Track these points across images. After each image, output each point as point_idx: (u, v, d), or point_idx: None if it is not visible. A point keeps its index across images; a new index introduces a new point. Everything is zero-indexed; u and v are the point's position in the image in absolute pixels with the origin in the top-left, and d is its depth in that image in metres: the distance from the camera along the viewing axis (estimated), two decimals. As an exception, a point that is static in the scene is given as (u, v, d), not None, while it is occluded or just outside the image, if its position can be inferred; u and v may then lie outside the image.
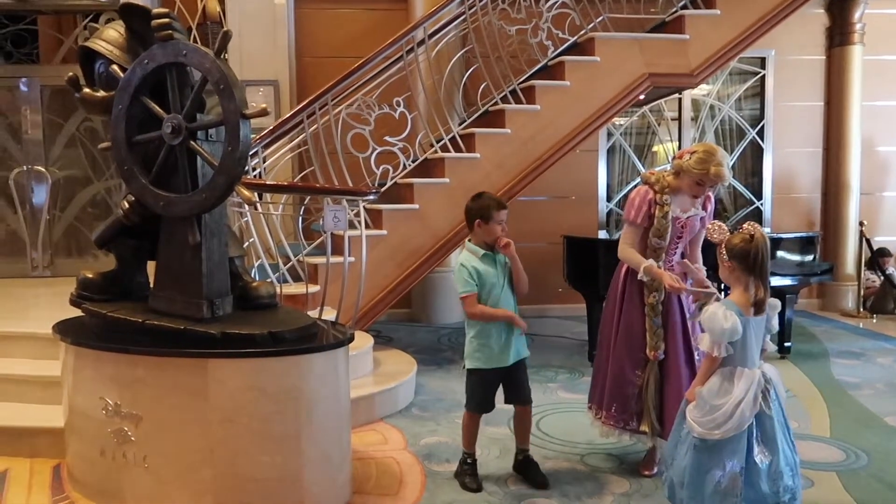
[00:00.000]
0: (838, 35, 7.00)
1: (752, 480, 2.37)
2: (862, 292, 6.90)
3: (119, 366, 2.59)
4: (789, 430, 2.48)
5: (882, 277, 6.79)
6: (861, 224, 6.81)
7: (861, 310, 6.86)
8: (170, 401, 2.51)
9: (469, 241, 3.07)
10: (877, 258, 6.75)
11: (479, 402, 3.06)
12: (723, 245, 2.46)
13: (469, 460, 3.08)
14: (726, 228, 2.50)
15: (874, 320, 6.69)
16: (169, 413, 2.52)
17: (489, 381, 3.04)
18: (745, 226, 2.45)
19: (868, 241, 6.73)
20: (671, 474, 2.53)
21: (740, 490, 2.36)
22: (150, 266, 2.90)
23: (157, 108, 2.53)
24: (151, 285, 2.83)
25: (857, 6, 6.86)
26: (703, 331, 2.45)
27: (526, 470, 3.12)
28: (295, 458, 2.57)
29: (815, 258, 5.31)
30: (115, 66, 2.65)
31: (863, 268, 6.85)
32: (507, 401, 3.11)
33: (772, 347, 2.55)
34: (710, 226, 2.52)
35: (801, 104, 7.18)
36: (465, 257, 3.00)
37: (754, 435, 2.39)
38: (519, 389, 3.09)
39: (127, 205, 2.77)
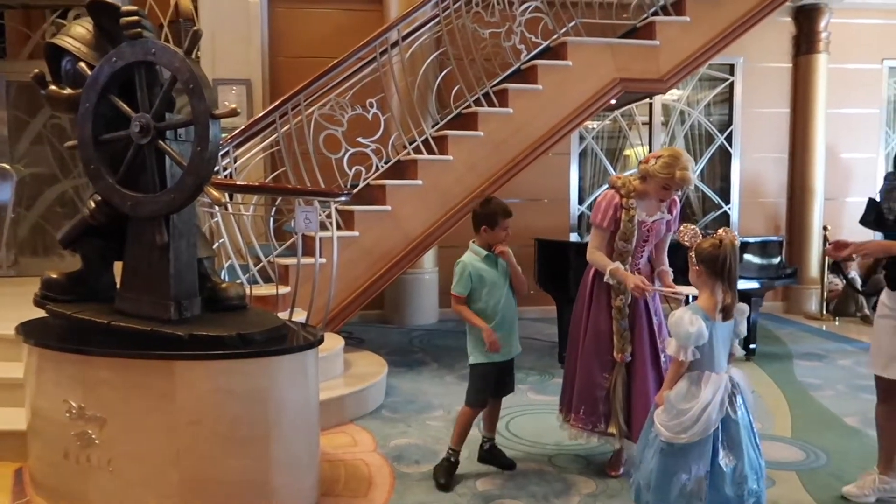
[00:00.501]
0: (804, 43, 7.17)
1: (716, 484, 2.40)
2: (825, 295, 7.06)
3: (83, 368, 2.55)
4: (755, 434, 2.51)
5: (844, 281, 6.96)
6: (825, 229, 6.98)
7: (824, 312, 7.03)
8: (135, 403, 2.48)
9: (473, 242, 3.19)
10: (839, 262, 6.92)
11: (480, 396, 3.18)
12: (692, 249, 2.50)
13: (452, 458, 3.15)
14: (699, 232, 2.54)
15: (837, 323, 6.86)
16: (134, 416, 2.49)
17: (490, 375, 3.16)
18: (719, 231, 2.49)
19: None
20: (638, 477, 2.55)
21: (705, 493, 2.39)
22: (117, 267, 2.87)
23: (126, 106, 2.50)
24: (118, 286, 2.80)
25: (823, 16, 7.03)
26: (670, 335, 2.49)
27: (492, 457, 3.30)
28: (263, 461, 2.56)
29: (780, 262, 5.43)
30: (82, 64, 2.62)
31: (826, 271, 7.01)
32: (493, 394, 3.25)
33: (740, 352, 2.59)
34: (682, 229, 2.55)
35: (768, 111, 7.34)
36: (468, 257, 3.14)
37: (720, 439, 2.41)
38: (508, 384, 3.29)
39: (93, 204, 2.73)
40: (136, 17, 2.47)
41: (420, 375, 4.87)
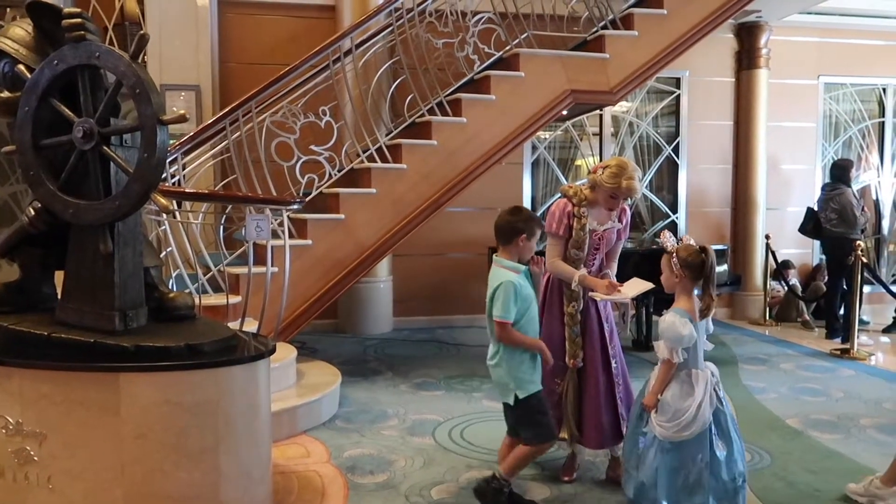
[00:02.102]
0: (746, 59, 7.44)
1: (715, 471, 2.58)
2: (767, 301, 7.31)
3: (22, 381, 2.44)
4: (734, 420, 2.70)
5: (786, 288, 7.21)
6: (767, 237, 7.23)
7: (767, 318, 7.26)
8: (77, 417, 2.39)
9: (499, 257, 2.84)
10: (781, 269, 7.17)
11: (549, 425, 2.88)
12: (675, 255, 2.62)
13: (506, 489, 2.88)
14: (674, 238, 2.70)
15: (779, 328, 7.10)
16: (76, 430, 2.40)
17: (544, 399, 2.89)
18: (684, 238, 2.68)
19: (773, 253, 7.15)
20: (640, 476, 2.68)
21: (707, 482, 2.55)
22: (58, 276, 2.77)
23: (68, 111, 2.42)
24: (59, 296, 2.70)
25: (763, 33, 7.32)
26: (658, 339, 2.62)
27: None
28: (212, 474, 2.50)
29: (725, 269, 5.60)
30: (21, 66, 2.52)
31: (768, 278, 7.26)
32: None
33: (709, 346, 2.75)
34: (665, 234, 2.69)
35: (713, 123, 7.58)
36: (510, 276, 2.76)
37: (712, 430, 2.59)
38: None
39: (33, 212, 2.63)
40: (79, 20, 2.39)
41: (374, 385, 4.84)
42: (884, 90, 7.99)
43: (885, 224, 8.09)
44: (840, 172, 6.50)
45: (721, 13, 5.69)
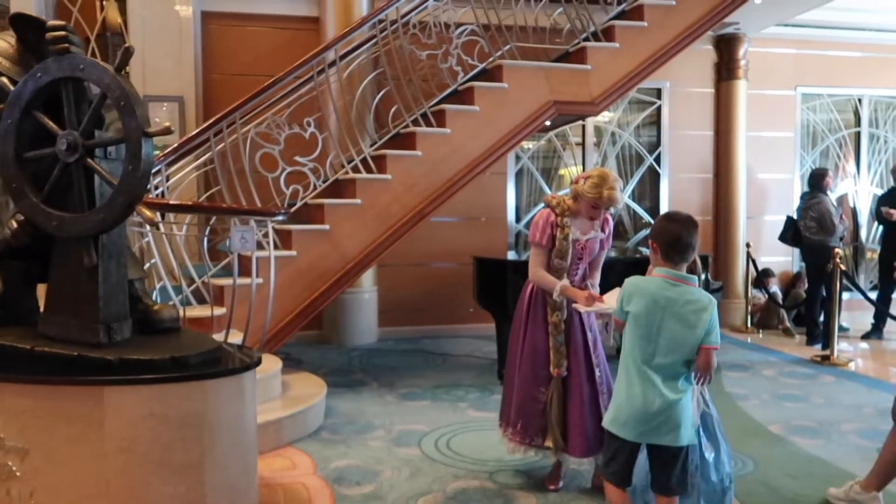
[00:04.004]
0: (725, 70, 7.56)
1: (705, 474, 2.61)
2: (749, 309, 7.39)
3: (3, 396, 2.41)
4: (720, 422, 2.74)
5: (767, 295, 7.30)
6: (748, 246, 7.32)
7: (749, 325, 7.34)
8: (61, 432, 2.37)
9: (678, 270, 2.46)
10: (762, 278, 7.27)
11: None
12: None
13: None
14: None
15: (761, 335, 7.18)
16: (60, 445, 2.37)
17: None
18: None
19: (754, 261, 7.24)
20: (632, 481, 2.66)
21: (698, 485, 2.58)
22: (41, 289, 2.75)
23: (52, 123, 2.41)
24: (42, 309, 2.68)
25: (741, 44, 7.44)
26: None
27: None
28: (198, 488, 2.48)
29: (706, 277, 5.66)
30: (4, 79, 2.51)
31: (750, 286, 7.35)
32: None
33: None
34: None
35: (694, 133, 7.68)
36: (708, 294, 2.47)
37: (700, 432, 2.61)
38: None
39: (15, 224, 2.61)
40: (62, 32, 2.39)
41: (360, 396, 4.83)
42: (859, 100, 8.14)
43: (863, 232, 8.22)
44: (818, 181, 6.63)
45: (700, 25, 5.79)
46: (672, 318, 2.40)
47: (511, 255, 6.63)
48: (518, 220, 7.36)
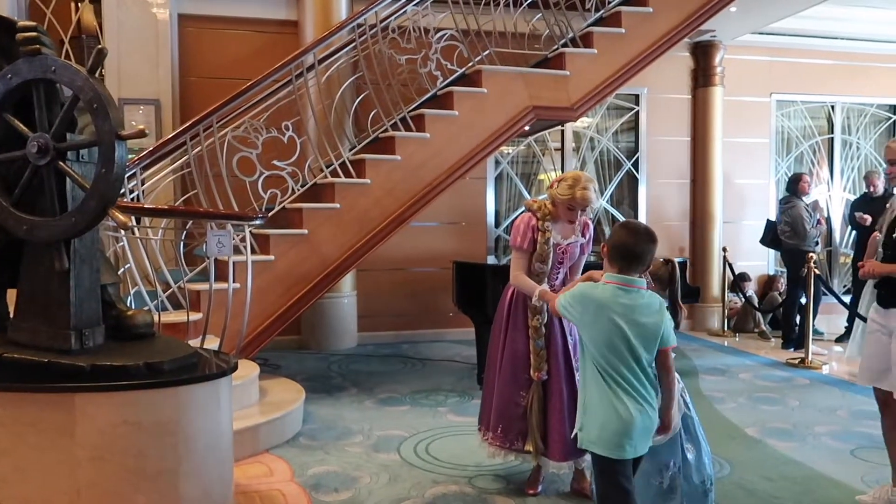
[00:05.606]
0: (701, 77, 7.65)
1: (687, 475, 2.63)
2: (726, 313, 7.47)
3: (-29, 404, 2.36)
4: (700, 423, 2.77)
5: (743, 299, 7.38)
6: (724, 250, 7.41)
7: (725, 329, 7.42)
8: (30, 440, 2.32)
9: (631, 276, 2.42)
10: (738, 282, 7.35)
11: None
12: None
13: None
14: None
15: (737, 339, 7.26)
16: (29, 453, 2.32)
17: None
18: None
19: (730, 265, 7.32)
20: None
21: (680, 487, 2.60)
22: (11, 295, 2.69)
23: (22, 126, 2.37)
24: (11, 315, 2.62)
25: (717, 52, 7.54)
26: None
27: None
28: (172, 496, 2.44)
29: (685, 281, 5.71)
30: (-27, 80, 2.46)
31: (726, 290, 7.43)
32: None
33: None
34: None
35: (671, 139, 7.76)
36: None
37: (681, 434, 2.64)
38: None
39: (-16, 229, 2.56)
40: (34, 33, 2.35)
41: (339, 401, 4.80)
42: (832, 107, 8.29)
43: (836, 237, 8.36)
44: (794, 185, 6.74)
45: (677, 32, 5.86)
46: (630, 325, 2.32)
47: (491, 260, 6.64)
48: (497, 224, 7.38)
